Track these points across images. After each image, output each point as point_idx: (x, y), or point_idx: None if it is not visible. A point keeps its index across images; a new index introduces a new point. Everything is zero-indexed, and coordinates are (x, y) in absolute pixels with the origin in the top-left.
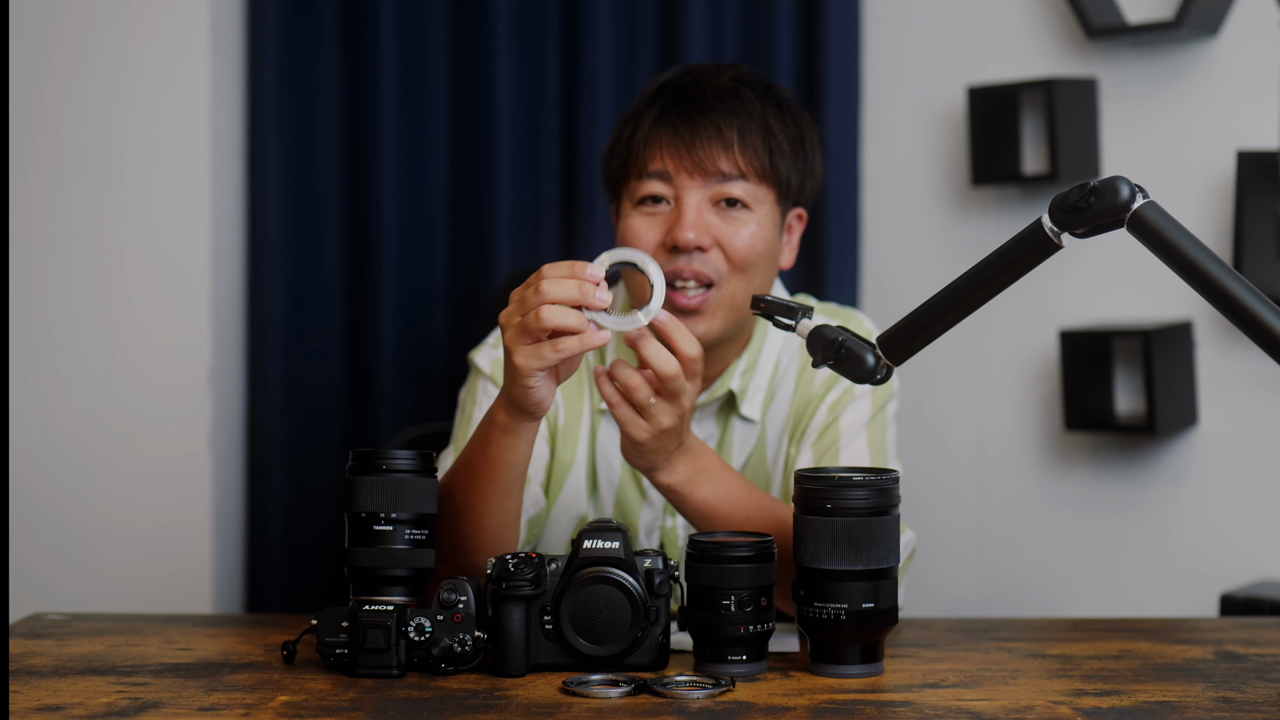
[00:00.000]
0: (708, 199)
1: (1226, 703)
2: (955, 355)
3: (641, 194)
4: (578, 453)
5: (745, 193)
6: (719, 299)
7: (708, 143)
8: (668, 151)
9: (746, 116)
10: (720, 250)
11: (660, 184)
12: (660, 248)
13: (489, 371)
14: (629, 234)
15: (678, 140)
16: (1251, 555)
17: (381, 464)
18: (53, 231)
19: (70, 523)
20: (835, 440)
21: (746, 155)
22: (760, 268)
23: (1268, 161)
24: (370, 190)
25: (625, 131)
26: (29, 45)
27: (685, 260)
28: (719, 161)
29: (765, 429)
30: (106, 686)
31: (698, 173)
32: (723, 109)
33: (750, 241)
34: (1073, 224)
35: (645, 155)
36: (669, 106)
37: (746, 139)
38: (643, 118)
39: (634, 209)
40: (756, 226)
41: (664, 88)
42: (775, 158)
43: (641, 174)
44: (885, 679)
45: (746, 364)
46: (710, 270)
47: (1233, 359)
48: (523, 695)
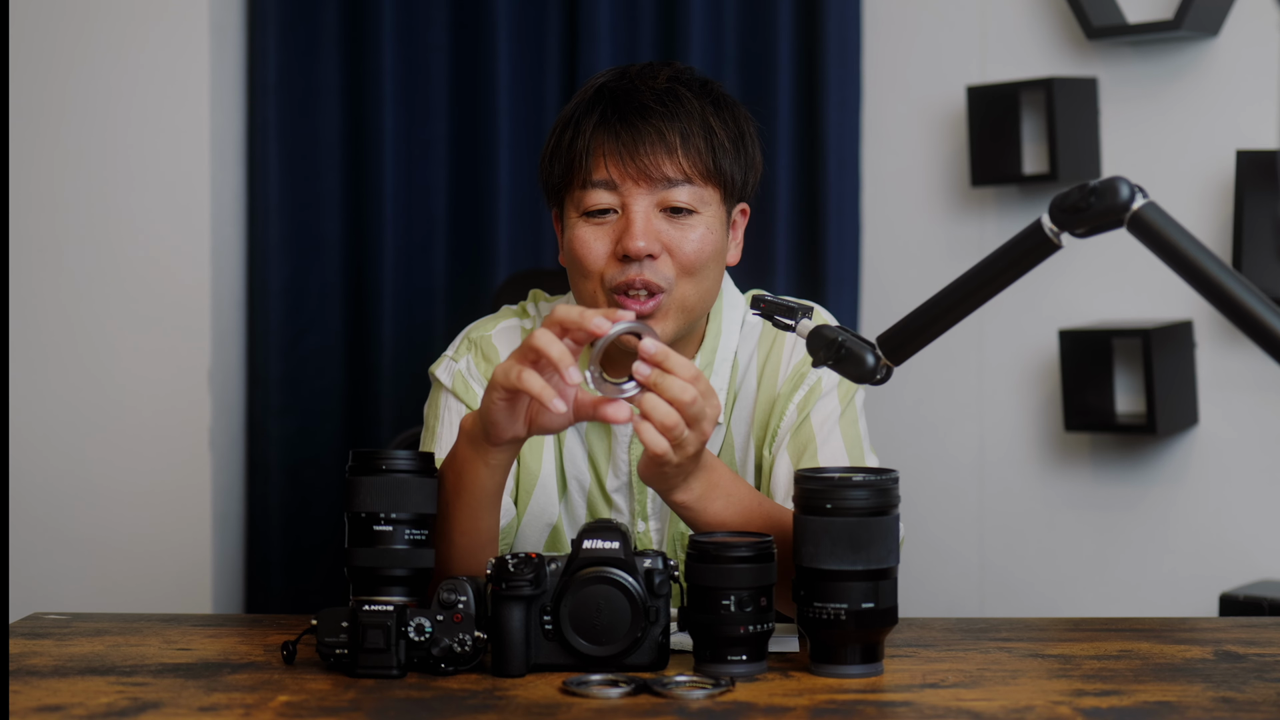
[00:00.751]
0: (654, 204)
1: (1226, 703)
2: (955, 355)
3: (587, 206)
4: (544, 462)
5: (691, 197)
6: (669, 303)
7: (651, 148)
8: (611, 160)
9: (687, 117)
10: (669, 256)
11: (606, 193)
12: (610, 257)
13: (449, 385)
14: (579, 245)
15: (620, 148)
16: (1251, 555)
17: (381, 464)
18: (53, 231)
19: (70, 523)
20: (810, 439)
21: (690, 158)
22: (709, 270)
23: (1267, 161)
24: (370, 190)
25: (565, 138)
26: (30, 46)
27: (636, 270)
28: (664, 167)
29: (731, 431)
30: (106, 686)
31: (643, 180)
32: (663, 112)
33: (699, 246)
34: (1072, 224)
35: (589, 164)
36: (609, 112)
37: (689, 141)
38: (582, 124)
39: (580, 219)
40: (704, 230)
41: (601, 91)
42: (718, 157)
43: (586, 183)
44: (885, 679)
45: (702, 363)
46: (660, 278)
47: (1233, 359)
48: (523, 695)
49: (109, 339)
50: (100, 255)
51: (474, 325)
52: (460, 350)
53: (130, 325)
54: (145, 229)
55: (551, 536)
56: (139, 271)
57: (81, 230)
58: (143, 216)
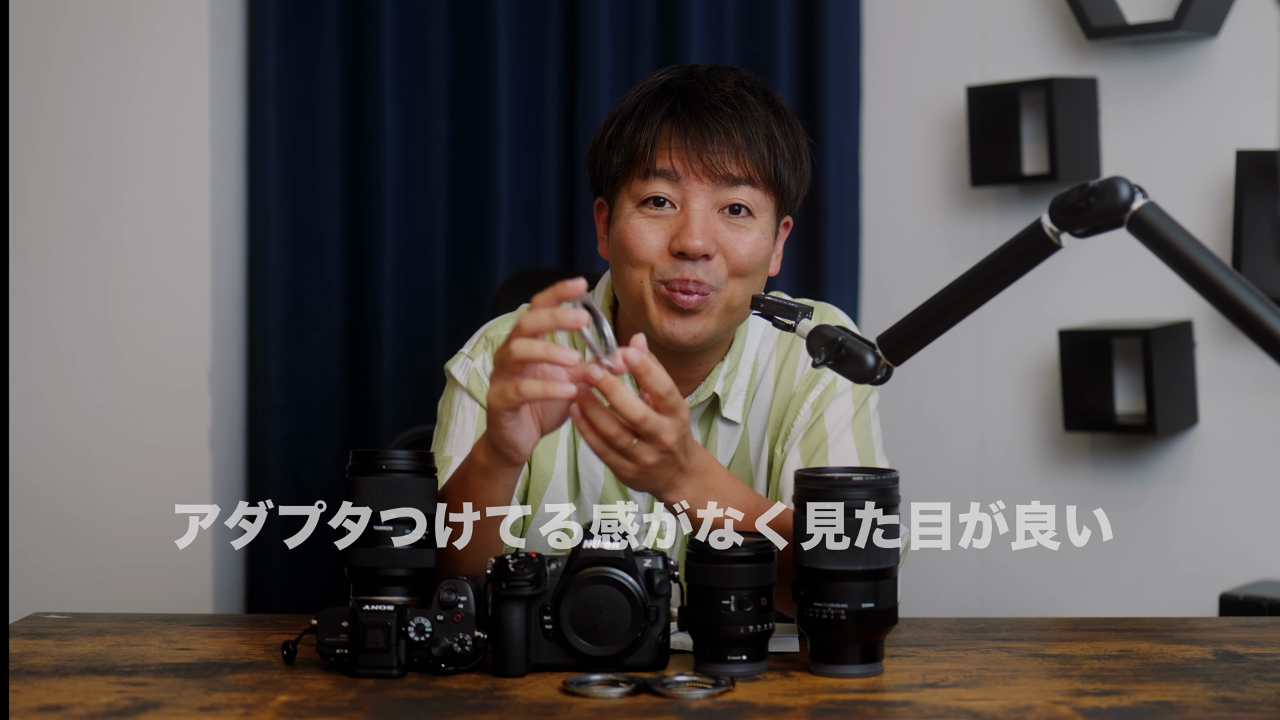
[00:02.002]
0: (713, 205)
1: (1226, 703)
2: (955, 355)
3: (646, 194)
4: (556, 462)
5: (750, 199)
6: (716, 300)
7: (719, 146)
8: (677, 153)
9: (754, 123)
10: (723, 257)
11: (666, 185)
12: (664, 251)
13: (465, 383)
14: (632, 235)
15: (688, 141)
16: (1251, 555)
17: (381, 464)
18: (53, 232)
19: (70, 523)
20: (823, 439)
21: (755, 161)
22: (759, 274)
23: (1267, 161)
24: (370, 190)
25: (627, 128)
26: (30, 46)
27: (690, 269)
28: (728, 165)
29: (747, 429)
30: (107, 686)
31: (707, 176)
32: (732, 114)
33: (753, 249)
34: (1072, 224)
35: (653, 154)
36: (678, 106)
37: (754, 145)
38: (648, 116)
39: (636, 209)
40: (759, 234)
41: (668, 87)
42: (779, 165)
43: (648, 173)
44: (885, 679)
45: (729, 367)
46: (712, 279)
47: (1233, 359)
48: (523, 695)
49: (109, 339)
50: (100, 255)
51: (491, 324)
52: (477, 348)
53: (130, 325)
54: (145, 229)
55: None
56: (139, 271)
57: (81, 230)
58: (143, 216)
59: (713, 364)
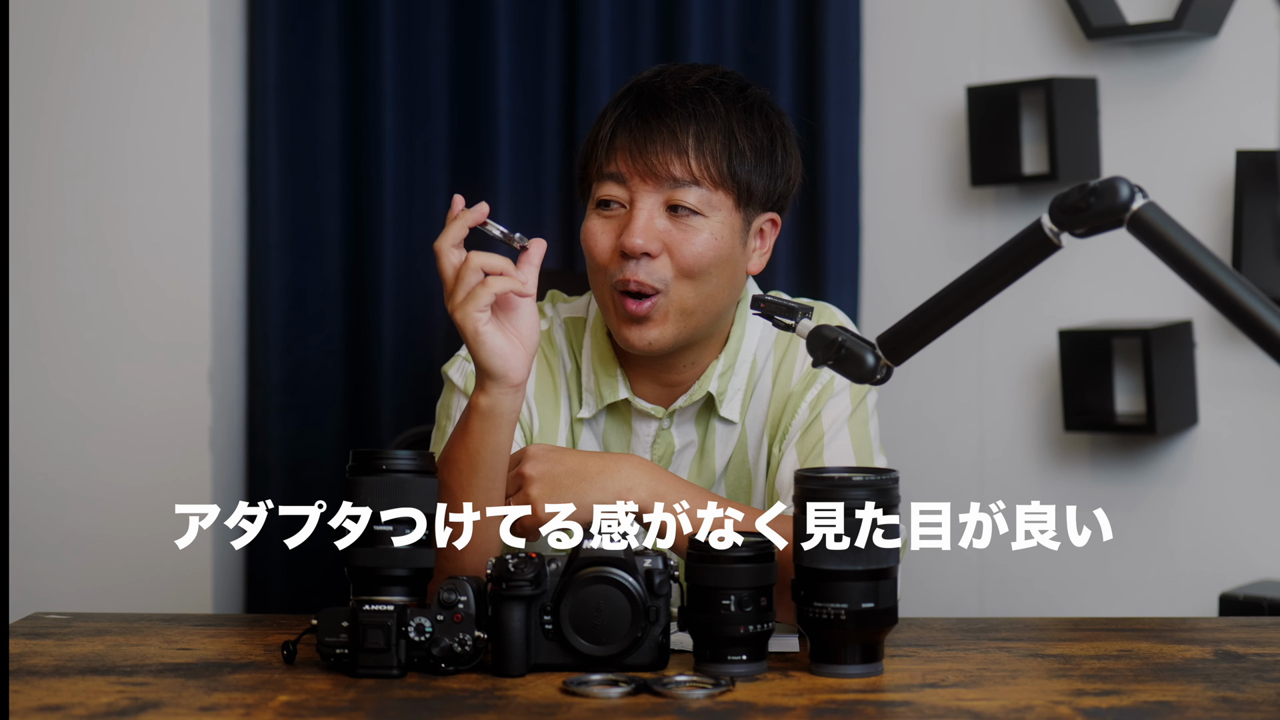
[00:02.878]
0: (661, 204)
1: (1226, 703)
2: (955, 355)
3: (600, 196)
4: None
5: (699, 199)
6: (666, 305)
7: (661, 147)
8: (623, 154)
9: (707, 120)
10: (668, 256)
11: (616, 187)
12: (614, 252)
13: (462, 385)
14: (588, 236)
15: (632, 144)
16: (1251, 555)
17: (381, 464)
18: (54, 231)
19: (70, 523)
20: (819, 438)
21: (702, 160)
22: (712, 275)
23: (1267, 161)
24: (370, 190)
25: (593, 131)
26: (30, 46)
27: (633, 268)
28: (671, 166)
29: (745, 429)
30: (107, 686)
31: (650, 177)
32: (682, 112)
33: (700, 250)
34: (1072, 224)
35: (604, 157)
36: (630, 108)
37: (703, 143)
38: (608, 116)
39: (593, 211)
40: (709, 234)
41: (632, 88)
42: (734, 162)
43: (600, 175)
44: (885, 679)
45: (724, 365)
46: (655, 279)
47: (1233, 359)
48: (523, 695)
49: (109, 339)
50: (100, 255)
51: None
52: None
53: (130, 325)
54: (145, 229)
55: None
56: (139, 271)
57: (81, 230)
58: (143, 216)
59: (706, 363)
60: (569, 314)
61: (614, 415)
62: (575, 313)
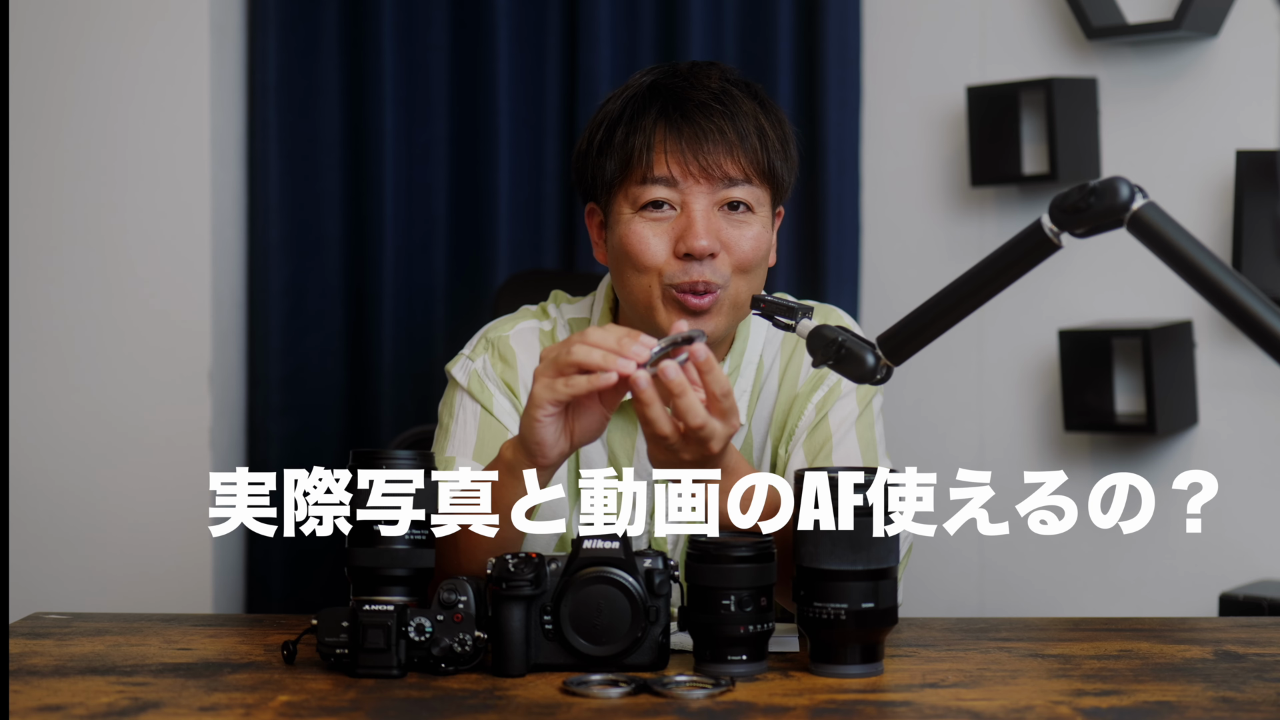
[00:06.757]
0: (715, 203)
1: (1226, 703)
2: (955, 355)
3: (645, 199)
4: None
5: (748, 195)
6: (724, 299)
7: (714, 147)
8: (673, 156)
9: (744, 117)
10: (725, 254)
11: (665, 189)
12: (670, 254)
13: (465, 384)
14: (635, 241)
15: (683, 144)
16: (1251, 555)
17: (381, 464)
18: (54, 232)
19: (70, 522)
20: (826, 439)
21: (749, 156)
22: (760, 269)
23: (1267, 161)
24: (370, 190)
25: (618, 134)
26: (30, 46)
27: (699, 269)
28: (725, 165)
29: (751, 430)
30: (107, 686)
31: (704, 177)
32: (722, 111)
33: (755, 244)
34: (1072, 224)
35: (649, 159)
36: (669, 108)
37: (746, 140)
38: (640, 120)
39: (635, 214)
40: (759, 228)
41: (655, 89)
42: (772, 157)
43: (645, 178)
44: (885, 679)
45: (730, 367)
46: (719, 277)
47: (1233, 359)
48: (523, 695)
49: (109, 339)
50: (100, 255)
51: (492, 325)
52: (477, 349)
53: (130, 325)
54: (145, 229)
55: (559, 544)
56: (139, 271)
57: (81, 230)
58: (142, 216)
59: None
60: (573, 314)
61: (619, 416)
62: (579, 313)
